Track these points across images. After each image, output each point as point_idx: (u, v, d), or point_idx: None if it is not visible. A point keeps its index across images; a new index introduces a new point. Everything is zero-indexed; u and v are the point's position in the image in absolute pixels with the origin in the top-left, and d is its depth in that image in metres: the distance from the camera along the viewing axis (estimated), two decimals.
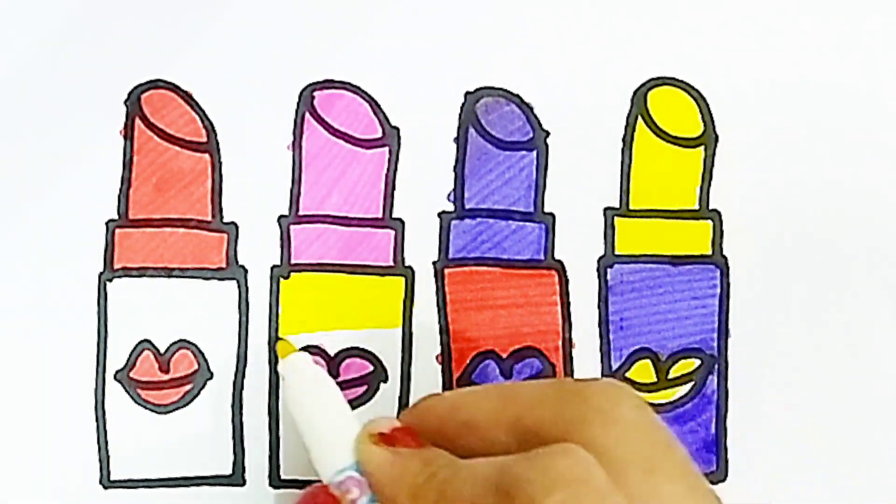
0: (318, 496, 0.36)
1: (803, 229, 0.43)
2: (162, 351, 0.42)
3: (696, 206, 0.43)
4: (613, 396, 0.33)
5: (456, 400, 0.36)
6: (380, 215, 0.42)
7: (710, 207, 0.43)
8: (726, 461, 0.43)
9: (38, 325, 0.42)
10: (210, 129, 0.42)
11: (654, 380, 0.43)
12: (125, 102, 0.42)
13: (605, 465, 0.31)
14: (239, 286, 0.42)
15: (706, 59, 0.43)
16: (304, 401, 0.37)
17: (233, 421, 0.42)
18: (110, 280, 0.42)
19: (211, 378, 0.42)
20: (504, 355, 0.42)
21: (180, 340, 0.42)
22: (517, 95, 0.43)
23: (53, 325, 0.42)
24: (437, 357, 0.42)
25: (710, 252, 0.43)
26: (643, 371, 0.43)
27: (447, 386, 0.42)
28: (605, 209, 0.43)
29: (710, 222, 0.43)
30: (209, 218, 0.42)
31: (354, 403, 0.42)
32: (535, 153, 0.43)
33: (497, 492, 0.31)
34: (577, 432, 0.32)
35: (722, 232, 0.43)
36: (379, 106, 0.42)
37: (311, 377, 0.38)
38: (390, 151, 0.42)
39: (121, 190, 0.42)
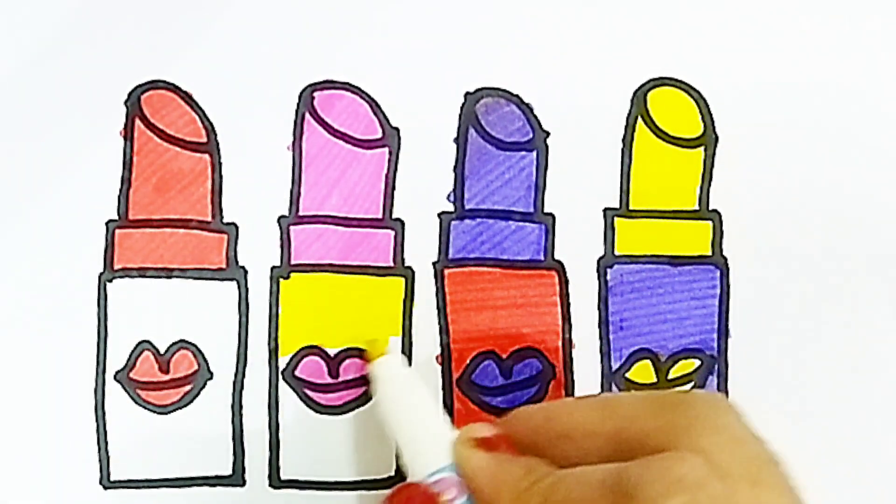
0: (412, 494, 0.37)
1: (803, 230, 0.43)
2: (162, 351, 0.42)
3: (696, 207, 0.43)
4: (718, 407, 0.34)
5: (551, 410, 0.36)
6: (380, 216, 0.42)
7: (710, 208, 0.43)
8: None
9: (38, 325, 0.42)
10: (210, 129, 0.42)
11: (654, 380, 0.43)
12: (125, 103, 0.42)
13: (713, 473, 0.32)
14: (239, 287, 0.42)
15: (706, 60, 0.43)
16: (398, 402, 0.38)
17: (233, 421, 0.42)
18: (110, 280, 0.42)
19: (211, 378, 0.42)
20: (504, 356, 0.42)
21: (180, 341, 0.42)
22: (517, 96, 0.43)
23: (53, 326, 0.42)
24: (436, 357, 0.42)
25: (709, 252, 0.43)
26: (643, 371, 0.43)
27: (447, 386, 0.42)
28: (605, 209, 0.43)
29: (709, 223, 0.43)
30: (209, 218, 0.42)
31: (355, 403, 0.42)
32: (534, 153, 0.43)
33: (613, 493, 0.32)
34: (682, 440, 0.32)
35: (722, 232, 0.43)
36: (379, 106, 0.42)
37: (405, 378, 0.39)
38: (390, 152, 0.42)
39: (121, 190, 0.42)
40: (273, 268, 0.42)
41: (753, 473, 0.32)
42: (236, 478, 0.42)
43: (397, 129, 0.42)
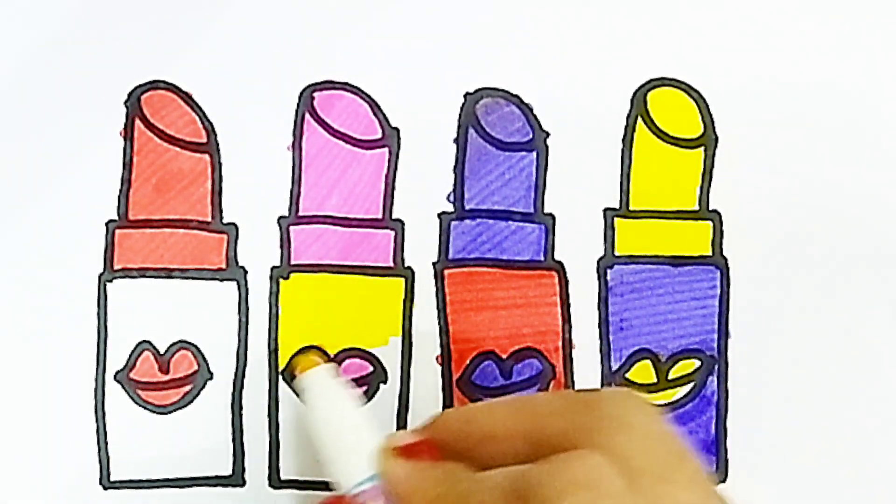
0: None
1: (803, 230, 0.43)
2: (162, 351, 0.42)
3: (696, 207, 0.43)
4: (626, 404, 0.33)
5: (470, 413, 0.36)
6: (380, 216, 0.42)
7: (710, 208, 0.43)
8: (726, 462, 0.43)
9: (38, 325, 0.42)
10: (210, 129, 0.42)
11: (654, 380, 0.43)
12: (125, 103, 0.42)
13: (620, 471, 0.31)
14: (239, 287, 0.42)
15: (706, 60, 0.43)
16: (324, 413, 0.38)
17: (233, 422, 0.42)
18: (110, 281, 0.42)
19: (211, 379, 0.42)
20: (504, 356, 0.42)
21: (180, 341, 0.42)
22: (517, 96, 0.43)
23: (53, 326, 0.42)
24: (436, 358, 0.42)
25: (710, 253, 0.43)
26: (643, 372, 0.43)
27: (447, 387, 0.42)
28: (605, 210, 0.43)
29: (710, 223, 0.43)
30: (209, 219, 0.42)
31: None
32: (534, 154, 0.43)
33: (513, 498, 0.31)
34: (591, 440, 0.32)
35: (722, 233, 0.43)
36: (379, 107, 0.42)
37: (333, 390, 0.38)
38: (390, 152, 0.42)
39: (121, 191, 0.42)
40: (273, 268, 0.42)
41: (664, 470, 0.32)
42: (236, 478, 0.42)
43: (397, 130, 0.42)
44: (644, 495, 0.31)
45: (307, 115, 0.42)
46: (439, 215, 0.42)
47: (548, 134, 0.43)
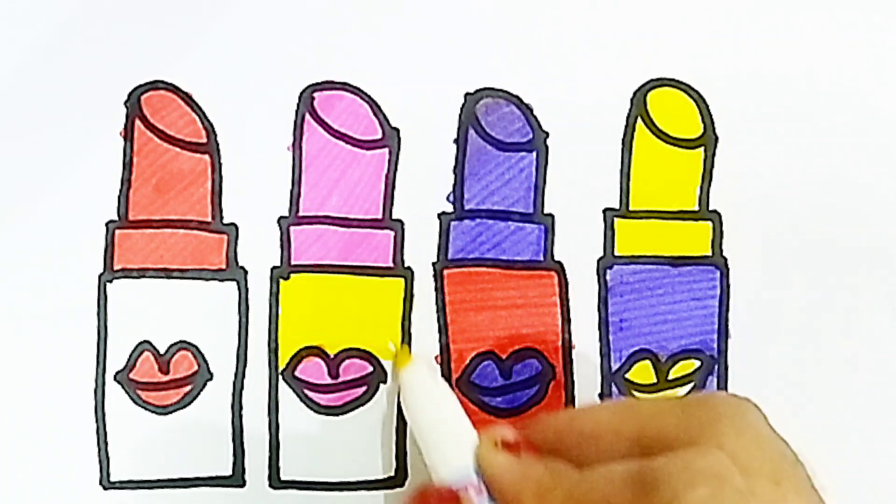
0: (435, 496, 0.37)
1: (803, 230, 0.43)
2: (162, 352, 0.42)
3: (696, 207, 0.43)
4: (741, 406, 0.34)
5: (574, 413, 0.37)
6: (379, 216, 0.42)
7: (710, 208, 0.43)
8: None
9: (38, 325, 0.42)
10: (210, 130, 0.42)
11: (654, 381, 0.43)
12: (125, 103, 0.42)
13: (739, 470, 0.32)
14: (239, 287, 0.42)
15: (706, 60, 0.43)
16: (423, 407, 0.39)
17: (233, 422, 0.42)
18: (110, 281, 0.42)
19: (211, 379, 0.42)
20: (503, 356, 0.42)
21: (180, 341, 0.42)
22: (517, 96, 0.43)
23: (53, 327, 0.42)
24: (436, 358, 0.42)
25: (709, 253, 0.43)
26: (643, 372, 0.43)
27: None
28: (605, 210, 0.43)
29: (709, 223, 0.43)
30: (209, 219, 0.42)
31: (354, 404, 0.42)
32: (534, 154, 0.43)
33: (636, 487, 0.32)
34: (705, 437, 0.33)
35: (722, 233, 0.43)
36: (379, 107, 0.42)
37: (431, 383, 0.39)
38: (390, 152, 0.42)
39: (121, 191, 0.42)
40: (273, 268, 0.42)
41: (775, 472, 0.33)
42: (236, 478, 0.42)
43: (397, 130, 0.42)
44: (759, 496, 0.32)
45: (307, 116, 0.42)
46: (439, 215, 0.42)
47: (547, 134, 0.43)
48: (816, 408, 0.43)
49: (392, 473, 0.42)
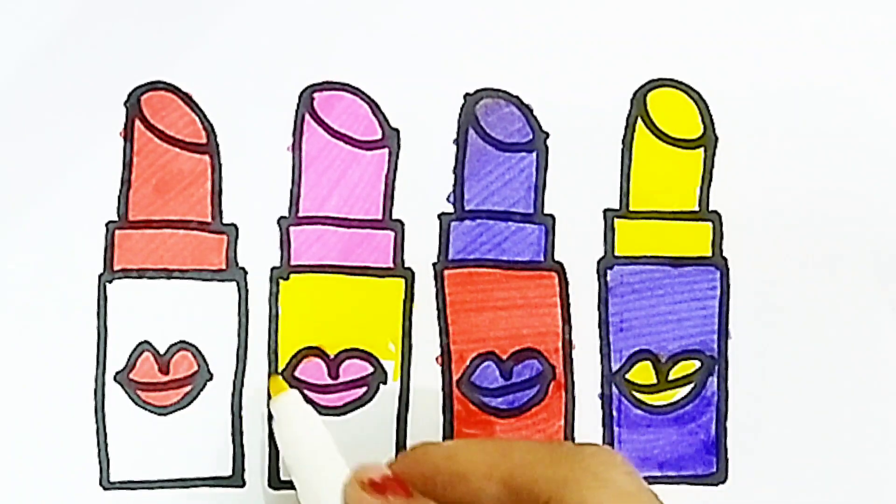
0: None
1: (803, 230, 0.43)
2: (162, 352, 0.42)
3: (696, 208, 0.43)
4: (607, 461, 0.34)
5: (450, 450, 0.36)
6: (379, 217, 0.42)
7: (710, 209, 0.43)
8: (726, 463, 0.43)
9: (38, 325, 0.42)
10: (210, 130, 0.42)
11: (654, 381, 0.43)
12: (125, 104, 0.42)
13: None
14: (239, 288, 0.42)
15: (706, 61, 0.43)
16: (293, 441, 0.38)
17: (232, 422, 0.42)
18: (110, 281, 0.42)
19: (211, 379, 0.42)
20: (504, 357, 0.42)
21: (180, 342, 0.42)
22: (517, 97, 0.43)
23: (53, 327, 0.42)
24: (436, 358, 0.42)
25: (710, 253, 0.43)
26: (643, 372, 0.43)
27: (447, 387, 0.42)
28: (605, 210, 0.43)
29: (709, 224, 0.43)
30: (209, 219, 0.42)
31: (354, 405, 0.42)
32: (534, 154, 0.43)
33: None
34: (569, 492, 0.33)
35: (722, 233, 0.43)
36: (379, 107, 0.42)
37: (301, 418, 0.39)
38: (390, 153, 0.42)
39: (121, 191, 0.42)
40: (273, 269, 0.42)
41: None
42: (236, 479, 0.42)
43: (397, 130, 0.42)
44: None
45: (307, 116, 0.42)
46: (439, 216, 0.42)
47: (548, 134, 0.43)
48: (816, 408, 0.43)
49: None
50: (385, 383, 0.42)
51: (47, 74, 0.42)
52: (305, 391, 0.42)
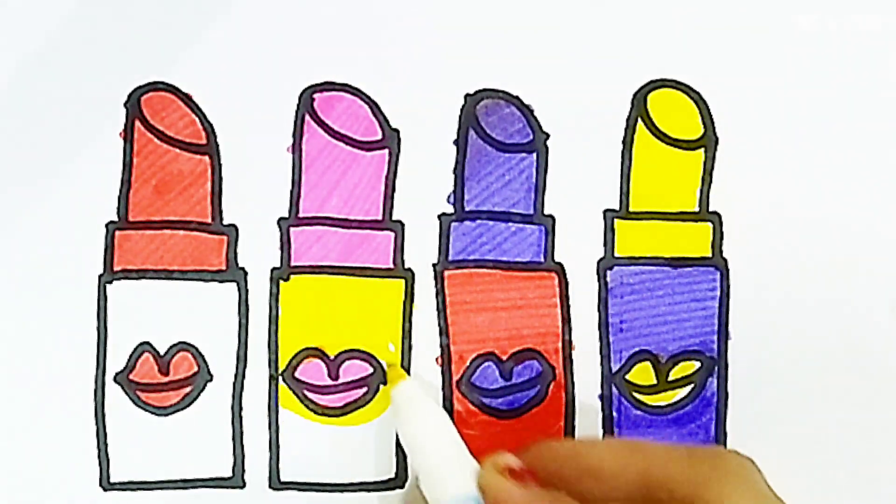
0: None
1: (803, 231, 0.43)
2: (162, 353, 0.42)
3: (696, 209, 0.43)
4: (745, 466, 0.35)
5: (578, 446, 0.37)
6: (380, 217, 0.42)
7: (710, 210, 0.43)
8: None
9: (38, 326, 0.42)
10: (210, 131, 0.42)
11: (654, 382, 0.43)
12: (125, 104, 0.42)
13: None
14: (239, 288, 0.42)
15: (706, 62, 0.43)
16: (417, 428, 0.39)
17: (233, 423, 0.42)
18: (110, 282, 0.42)
19: (211, 380, 0.42)
20: (504, 357, 0.42)
21: (180, 342, 0.42)
22: (517, 97, 0.43)
23: (53, 327, 0.42)
24: (436, 359, 0.42)
25: (710, 254, 0.43)
26: (643, 373, 0.43)
27: (447, 388, 0.42)
28: (605, 211, 0.43)
29: (710, 224, 0.43)
30: (209, 220, 0.42)
31: (354, 405, 0.42)
32: (535, 155, 0.43)
33: None
34: (710, 490, 0.33)
35: (722, 234, 0.43)
36: (379, 108, 0.42)
37: (424, 404, 0.39)
38: (390, 153, 0.42)
39: (121, 192, 0.42)
40: (273, 269, 0.42)
41: None
42: (236, 479, 0.42)
43: (397, 131, 0.42)
44: None
45: (307, 117, 0.42)
46: (439, 217, 0.42)
47: (548, 135, 0.43)
48: (816, 408, 0.43)
49: (392, 475, 0.42)
50: (385, 384, 0.42)
51: (47, 74, 0.42)
52: (305, 392, 0.42)
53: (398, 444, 0.42)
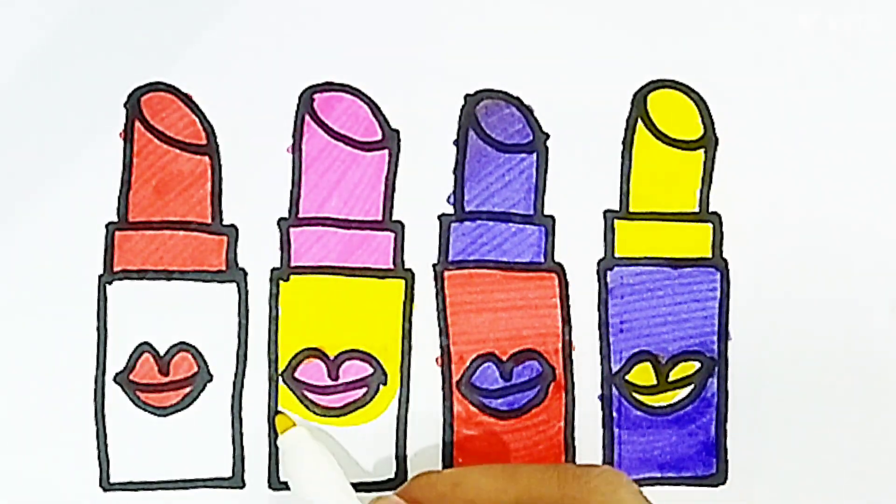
0: None
1: (803, 232, 0.43)
2: (161, 353, 0.42)
3: (697, 209, 0.43)
4: (613, 480, 0.36)
5: (456, 477, 0.37)
6: (380, 218, 0.42)
7: (711, 210, 0.43)
8: (726, 464, 0.43)
9: (38, 326, 0.42)
10: (210, 131, 0.42)
11: (654, 382, 0.43)
12: (125, 105, 0.42)
13: None
14: (239, 289, 0.42)
15: (706, 62, 0.43)
16: (305, 475, 0.39)
17: (232, 423, 0.42)
18: (110, 282, 0.42)
19: (210, 380, 0.42)
20: (504, 358, 0.42)
21: (180, 343, 0.42)
22: (517, 98, 0.43)
23: (53, 328, 0.42)
24: (436, 359, 0.42)
25: (710, 255, 0.43)
26: (643, 374, 0.43)
27: (447, 388, 0.42)
28: (606, 212, 0.43)
29: (710, 225, 0.43)
30: (209, 220, 0.42)
31: (354, 406, 0.42)
32: (534, 155, 0.43)
33: None
34: None
35: (722, 234, 0.43)
36: (379, 108, 0.42)
37: (311, 453, 0.40)
38: (390, 154, 0.42)
39: (120, 192, 0.42)
40: (273, 270, 0.42)
41: None
42: (236, 480, 0.42)
43: (397, 131, 0.42)
44: None
45: (307, 117, 0.42)
46: (439, 217, 0.42)
47: (548, 136, 0.43)
48: (816, 408, 0.43)
49: (392, 475, 0.42)
50: (385, 384, 0.42)
51: (47, 74, 0.42)
52: (305, 392, 0.42)
53: (398, 445, 0.42)
